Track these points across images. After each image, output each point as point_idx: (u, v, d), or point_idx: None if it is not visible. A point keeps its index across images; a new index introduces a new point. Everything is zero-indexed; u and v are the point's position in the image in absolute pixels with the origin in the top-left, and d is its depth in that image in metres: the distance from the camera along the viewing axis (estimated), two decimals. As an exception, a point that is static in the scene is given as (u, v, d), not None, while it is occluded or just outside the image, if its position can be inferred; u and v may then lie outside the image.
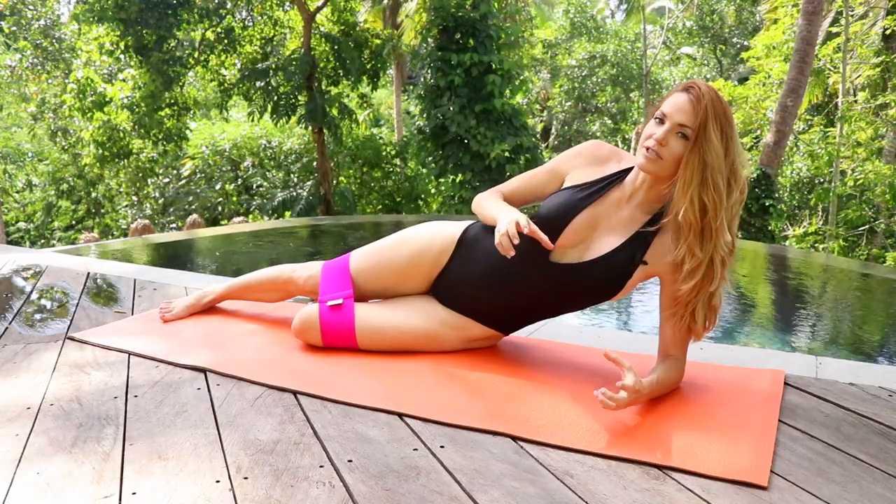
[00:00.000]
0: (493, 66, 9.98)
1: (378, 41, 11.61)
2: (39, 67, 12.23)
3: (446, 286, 1.96)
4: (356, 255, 2.07)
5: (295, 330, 2.00)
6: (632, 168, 1.74)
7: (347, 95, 12.18)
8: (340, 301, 1.96)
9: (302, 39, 11.05)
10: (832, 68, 11.64)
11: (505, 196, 1.89)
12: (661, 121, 1.62)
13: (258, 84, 10.99)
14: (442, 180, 11.06)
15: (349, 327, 1.93)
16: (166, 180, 13.93)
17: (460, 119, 10.09)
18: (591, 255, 1.75)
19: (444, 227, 2.00)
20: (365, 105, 12.95)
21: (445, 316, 1.96)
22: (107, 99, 11.05)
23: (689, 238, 1.62)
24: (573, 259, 1.76)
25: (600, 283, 1.76)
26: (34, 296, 2.78)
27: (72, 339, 2.15)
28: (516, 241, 1.64)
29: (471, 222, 2.00)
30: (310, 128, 11.22)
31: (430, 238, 1.98)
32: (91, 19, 9.86)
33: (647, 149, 1.62)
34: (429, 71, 10.38)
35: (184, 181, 13.55)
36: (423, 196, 12.83)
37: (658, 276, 1.74)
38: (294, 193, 12.00)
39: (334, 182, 12.49)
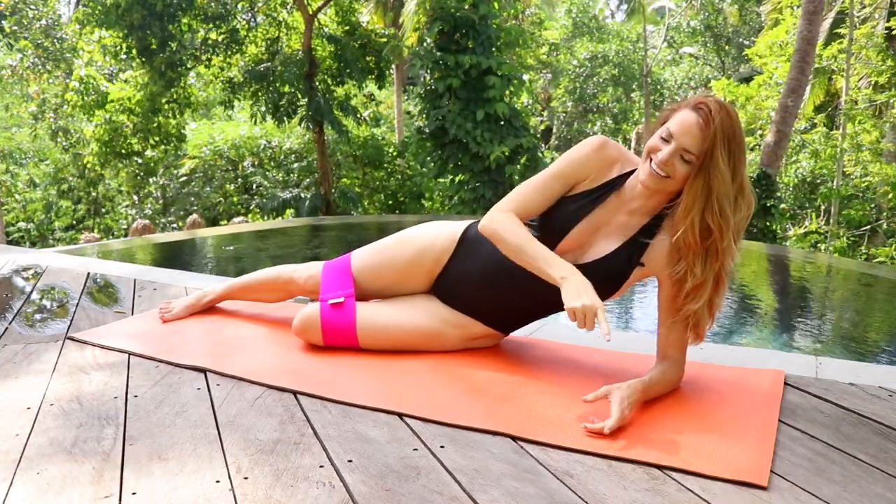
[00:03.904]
0: (493, 67, 9.96)
1: (383, 40, 11.61)
2: (40, 67, 12.22)
3: (447, 285, 1.96)
4: (357, 255, 2.07)
5: (296, 329, 2.00)
6: (633, 171, 1.73)
7: (354, 95, 12.20)
8: (342, 299, 1.96)
9: (303, 40, 11.06)
10: (836, 69, 11.59)
11: (520, 216, 1.76)
12: (667, 139, 1.58)
13: (259, 84, 11.00)
14: (441, 180, 11.05)
15: (350, 326, 1.93)
16: (167, 180, 13.94)
17: (460, 121, 10.07)
18: (589, 259, 1.75)
19: (445, 227, 2.00)
20: (369, 105, 12.96)
21: (447, 315, 1.96)
22: (109, 98, 11.08)
23: (688, 258, 1.61)
24: (571, 262, 1.76)
25: (597, 284, 1.75)
26: (34, 296, 2.78)
27: (72, 339, 2.15)
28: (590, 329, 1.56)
29: (471, 222, 2.00)
30: (310, 127, 11.24)
31: (432, 237, 1.98)
32: (94, 22, 9.89)
33: (651, 167, 1.60)
34: (428, 72, 10.36)
35: (184, 180, 13.56)
36: (425, 194, 12.83)
37: (655, 276, 1.74)
38: (294, 193, 11.99)
39: (335, 182, 12.49)
